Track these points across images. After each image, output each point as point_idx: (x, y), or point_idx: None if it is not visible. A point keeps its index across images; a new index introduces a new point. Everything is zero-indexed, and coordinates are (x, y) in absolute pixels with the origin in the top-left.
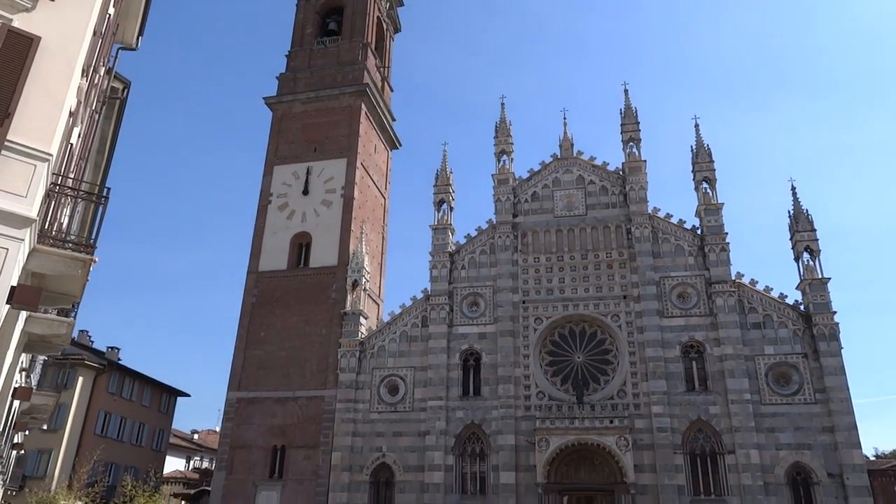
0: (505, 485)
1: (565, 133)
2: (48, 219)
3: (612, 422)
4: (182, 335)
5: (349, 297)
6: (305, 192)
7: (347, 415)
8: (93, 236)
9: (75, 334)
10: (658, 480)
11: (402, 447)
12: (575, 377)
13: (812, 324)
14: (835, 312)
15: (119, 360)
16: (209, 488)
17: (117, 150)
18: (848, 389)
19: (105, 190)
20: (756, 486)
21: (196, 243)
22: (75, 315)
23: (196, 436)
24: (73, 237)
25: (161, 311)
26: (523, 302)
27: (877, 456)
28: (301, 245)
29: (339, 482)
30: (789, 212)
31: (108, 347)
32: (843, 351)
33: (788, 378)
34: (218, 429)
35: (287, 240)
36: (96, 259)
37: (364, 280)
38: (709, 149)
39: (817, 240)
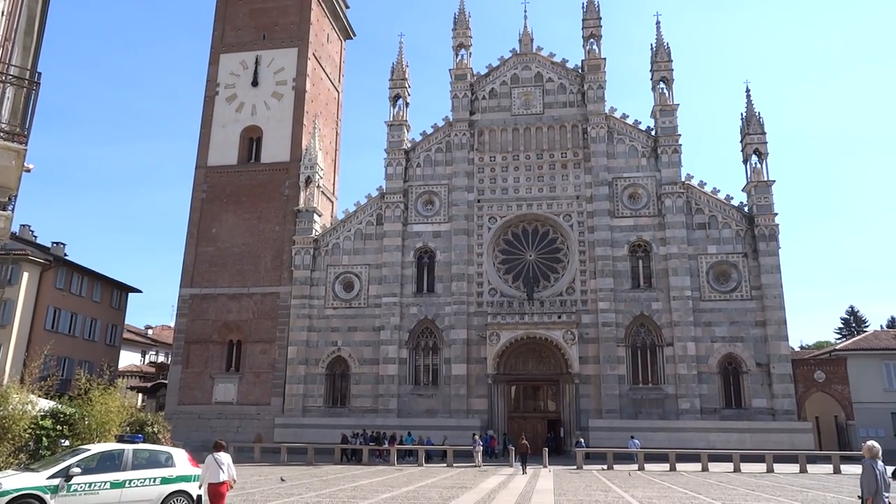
0: (456, 376)
1: (525, 27)
2: None
3: (560, 317)
4: (131, 232)
5: (302, 194)
6: (255, 83)
7: (303, 310)
8: (25, 125)
9: (16, 229)
10: (601, 371)
11: (357, 341)
12: (526, 275)
13: (754, 224)
14: (776, 214)
15: (65, 255)
16: (166, 381)
17: (49, 34)
18: (781, 287)
19: (36, 75)
20: (690, 374)
21: (141, 136)
22: (13, 209)
23: (150, 331)
24: (3, 125)
25: (108, 207)
26: (478, 201)
27: (801, 347)
28: (251, 139)
29: (295, 375)
30: (742, 114)
31: (53, 243)
32: (780, 251)
33: (728, 276)
34: (172, 324)
35: (237, 133)
36: (26, 147)
37: (318, 177)
38: (668, 48)
39: (766, 143)
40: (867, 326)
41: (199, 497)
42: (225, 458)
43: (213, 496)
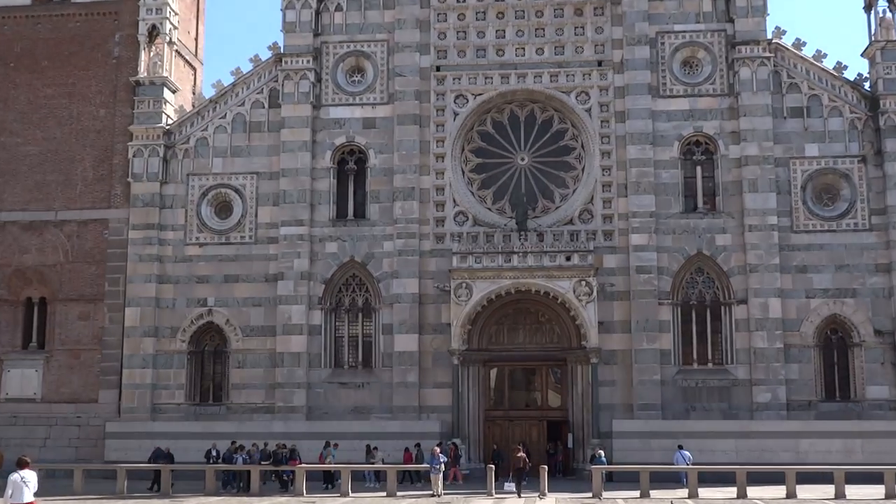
0: (402, 353)
1: None
2: None
3: (568, 258)
4: None
5: (144, 56)
6: None
7: (149, 249)
8: None
9: None
10: (632, 344)
11: (240, 299)
12: (515, 190)
13: (879, 111)
14: None
15: None
16: None
17: None
18: None
19: None
20: (772, 349)
21: None
22: None
23: None
24: None
25: None
26: (437, 68)
27: None
28: None
29: (138, 353)
30: None
31: None
32: None
33: (836, 193)
34: None
35: None
36: None
37: (169, 26)
38: None
39: None
40: None
41: None
42: (31, 476)
43: None
